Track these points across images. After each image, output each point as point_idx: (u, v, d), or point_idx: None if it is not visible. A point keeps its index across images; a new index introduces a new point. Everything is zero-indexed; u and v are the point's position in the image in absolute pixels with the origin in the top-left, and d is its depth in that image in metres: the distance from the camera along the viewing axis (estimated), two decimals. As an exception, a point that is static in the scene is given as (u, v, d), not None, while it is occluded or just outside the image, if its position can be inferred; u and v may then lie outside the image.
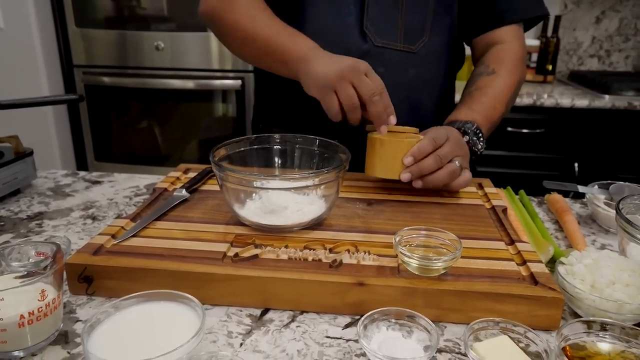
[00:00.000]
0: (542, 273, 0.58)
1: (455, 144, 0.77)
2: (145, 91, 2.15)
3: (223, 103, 2.16)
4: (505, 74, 0.90)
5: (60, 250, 0.51)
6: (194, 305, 0.51)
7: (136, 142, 2.26)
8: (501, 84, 0.89)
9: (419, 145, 0.74)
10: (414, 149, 0.74)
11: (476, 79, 0.91)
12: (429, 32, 0.90)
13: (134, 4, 2.07)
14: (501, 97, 0.89)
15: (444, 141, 0.75)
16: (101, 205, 0.87)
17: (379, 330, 0.53)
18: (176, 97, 2.17)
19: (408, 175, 0.74)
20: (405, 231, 0.61)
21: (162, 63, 2.10)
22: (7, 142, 0.90)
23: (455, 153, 0.76)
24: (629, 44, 2.42)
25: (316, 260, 0.61)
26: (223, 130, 2.20)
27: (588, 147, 2.01)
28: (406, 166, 0.74)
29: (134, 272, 0.59)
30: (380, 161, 0.76)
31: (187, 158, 2.27)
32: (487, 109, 0.86)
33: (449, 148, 0.75)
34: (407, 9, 0.88)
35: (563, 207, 0.83)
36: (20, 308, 0.47)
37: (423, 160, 0.74)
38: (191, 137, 2.25)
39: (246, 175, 0.67)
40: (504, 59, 0.91)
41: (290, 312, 0.58)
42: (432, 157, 0.74)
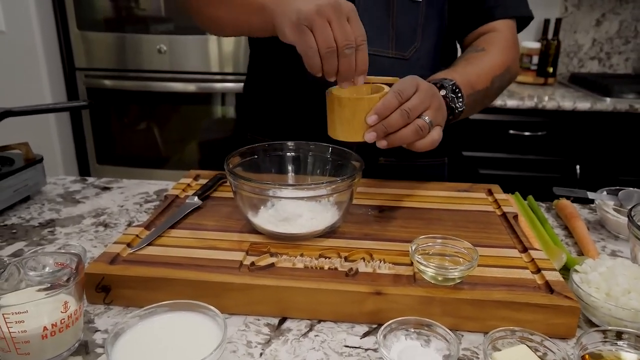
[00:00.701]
0: (558, 281, 0.59)
1: (426, 94, 0.67)
2: (148, 94, 2.15)
3: (225, 106, 2.16)
4: (495, 52, 0.87)
5: (82, 262, 0.51)
6: (213, 315, 0.51)
7: (138, 145, 2.26)
8: (489, 59, 0.86)
9: (383, 100, 0.65)
10: (378, 105, 0.65)
11: (464, 55, 0.89)
12: (420, 37, 0.88)
13: (135, 6, 2.07)
14: (488, 70, 0.84)
15: (412, 93, 0.66)
16: (112, 212, 0.87)
17: (397, 340, 0.53)
18: (178, 99, 2.17)
19: (373, 135, 0.65)
20: (421, 239, 0.62)
21: (164, 66, 2.10)
22: (17, 149, 0.90)
23: (426, 105, 0.67)
24: (629, 47, 2.43)
25: (332, 268, 0.62)
26: (224, 133, 2.20)
27: (589, 149, 2.02)
28: (370, 125, 0.66)
29: (151, 281, 0.59)
30: (341, 122, 0.68)
31: (188, 160, 2.27)
32: (470, 75, 0.81)
33: (418, 100, 0.66)
34: (398, 15, 0.86)
35: (572, 213, 0.83)
36: (43, 320, 0.47)
37: (388, 117, 0.65)
38: (193, 139, 2.25)
39: (261, 184, 0.67)
40: (494, 41, 0.89)
41: (308, 321, 0.59)
42: (398, 112, 0.65)
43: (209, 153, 2.25)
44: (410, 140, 0.67)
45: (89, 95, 2.18)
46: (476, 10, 0.91)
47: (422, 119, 0.67)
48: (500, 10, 0.90)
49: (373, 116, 0.65)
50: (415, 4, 0.86)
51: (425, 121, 0.66)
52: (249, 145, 0.98)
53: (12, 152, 0.91)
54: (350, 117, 0.66)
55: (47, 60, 2.08)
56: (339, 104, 0.67)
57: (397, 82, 0.68)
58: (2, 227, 0.81)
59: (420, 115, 0.67)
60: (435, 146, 0.69)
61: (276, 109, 0.96)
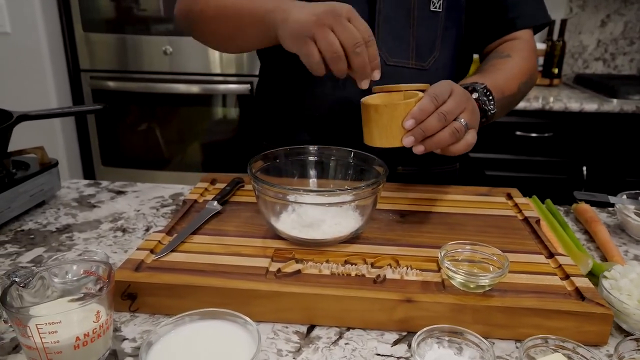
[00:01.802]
0: (588, 288, 0.59)
1: (461, 97, 0.68)
2: (153, 96, 2.15)
3: (228, 107, 2.16)
4: (520, 59, 0.88)
5: (113, 271, 0.50)
6: (243, 323, 0.50)
7: (143, 146, 2.25)
8: (515, 65, 0.86)
9: (420, 104, 0.65)
10: (414, 109, 0.64)
11: (488, 60, 0.90)
12: (439, 47, 0.88)
13: (141, 8, 2.06)
14: (514, 76, 0.85)
15: (447, 96, 0.66)
16: (129, 217, 0.86)
17: (430, 348, 0.53)
18: (183, 101, 2.16)
19: (411, 139, 0.65)
20: (450, 245, 0.61)
21: (170, 67, 2.09)
22: (32, 153, 0.90)
23: (461, 108, 0.67)
24: (634, 47, 2.43)
25: (359, 275, 0.61)
26: (228, 135, 2.19)
27: (596, 151, 2.02)
28: (407, 130, 0.65)
29: (178, 288, 0.58)
30: (378, 129, 0.68)
31: (192, 162, 2.26)
32: (499, 80, 0.81)
33: (454, 103, 0.66)
34: (418, 26, 0.85)
35: (593, 218, 0.83)
36: (76, 330, 0.47)
37: (425, 121, 0.65)
38: (197, 141, 2.24)
39: (286, 190, 0.66)
40: (517, 48, 0.90)
41: (336, 328, 0.58)
42: (436, 116, 0.64)
43: (212, 154, 2.24)
44: (448, 142, 0.66)
45: (94, 96, 2.17)
46: (498, 21, 0.91)
47: (458, 121, 0.66)
48: (522, 21, 0.90)
49: (410, 120, 0.64)
50: (435, 14, 0.85)
51: (461, 124, 0.66)
52: None
53: (27, 156, 0.90)
54: (387, 123, 0.66)
55: (52, 62, 2.07)
56: (375, 111, 0.67)
57: (428, 88, 0.68)
58: (19, 233, 0.80)
59: (456, 118, 0.66)
60: (470, 149, 0.69)
61: (288, 117, 0.95)
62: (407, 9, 0.83)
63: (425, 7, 0.84)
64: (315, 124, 0.91)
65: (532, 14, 0.90)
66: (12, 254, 0.74)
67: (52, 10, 2.05)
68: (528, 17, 0.90)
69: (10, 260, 0.72)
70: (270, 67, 0.99)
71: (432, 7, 0.84)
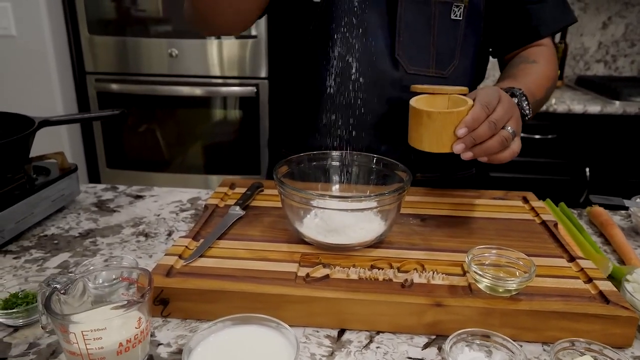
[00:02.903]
0: (611, 291, 0.60)
1: (509, 105, 0.69)
2: (158, 98, 2.15)
3: (236, 110, 2.16)
4: (545, 65, 0.90)
5: (152, 277, 0.51)
6: (277, 327, 0.51)
7: (149, 149, 2.25)
8: (542, 71, 0.88)
9: (472, 113, 0.66)
10: (467, 118, 0.66)
11: (516, 65, 0.91)
12: (459, 55, 0.89)
13: (147, 11, 2.07)
14: (542, 82, 0.87)
15: (496, 104, 0.68)
16: (150, 222, 0.87)
17: (461, 351, 0.54)
18: (189, 103, 2.17)
19: (462, 147, 0.67)
20: (477, 250, 0.63)
21: (176, 70, 2.10)
22: (52, 158, 0.90)
23: (509, 115, 0.69)
24: (635, 49, 2.46)
25: (387, 280, 0.62)
26: (235, 137, 2.20)
27: (599, 152, 2.04)
28: (458, 137, 0.67)
29: (210, 294, 0.59)
30: (428, 134, 0.69)
31: (196, 164, 2.26)
32: (530, 84, 0.83)
33: (503, 111, 0.68)
34: (439, 34, 0.86)
35: (608, 221, 0.84)
36: (119, 336, 0.47)
37: (477, 129, 0.66)
38: (205, 143, 2.24)
39: (312, 195, 0.67)
40: (542, 54, 0.91)
41: (366, 332, 0.59)
42: (486, 124, 0.66)
43: (216, 157, 2.25)
44: (496, 150, 0.68)
45: (99, 99, 2.18)
46: (522, 29, 0.93)
47: (506, 129, 0.68)
48: (545, 29, 0.91)
49: (463, 129, 0.66)
50: (456, 23, 0.86)
51: (509, 132, 0.68)
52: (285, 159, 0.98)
53: (48, 161, 0.91)
54: (439, 130, 0.68)
55: (58, 65, 2.07)
56: (428, 117, 0.68)
57: (466, 91, 0.69)
58: (43, 238, 0.81)
59: (504, 126, 0.68)
60: (515, 157, 0.70)
61: (307, 124, 0.96)
62: (427, 17, 0.84)
63: (446, 15, 0.85)
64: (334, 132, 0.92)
65: (554, 18, 0.92)
66: (38, 260, 0.74)
67: (57, 12, 2.05)
68: (550, 23, 0.91)
69: (37, 266, 0.73)
70: (287, 75, 1.00)
71: (453, 15, 0.85)
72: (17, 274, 0.70)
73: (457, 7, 0.84)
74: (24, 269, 0.72)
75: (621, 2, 2.37)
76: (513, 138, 0.69)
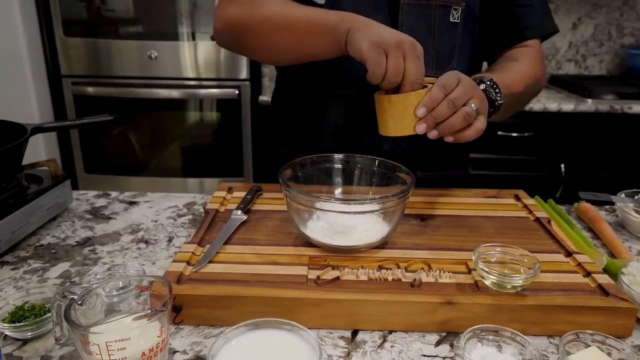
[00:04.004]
0: (610, 284, 0.63)
1: (468, 85, 0.72)
2: (138, 101, 2.11)
3: (219, 112, 2.15)
4: (527, 63, 0.92)
5: (171, 285, 0.51)
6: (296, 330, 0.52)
7: (128, 153, 2.21)
8: (523, 68, 0.91)
9: (430, 94, 0.69)
10: (425, 98, 0.69)
11: (498, 63, 0.94)
12: (457, 56, 0.91)
13: (125, 12, 2.03)
14: (522, 77, 0.89)
15: (455, 85, 0.71)
16: (148, 228, 0.86)
17: (475, 347, 0.56)
18: (171, 106, 2.14)
19: (423, 126, 0.70)
20: (482, 248, 0.64)
21: (156, 72, 2.07)
22: (45, 166, 0.88)
23: (469, 95, 0.71)
24: (603, 49, 2.55)
25: (396, 280, 0.64)
26: (220, 140, 2.18)
27: (573, 149, 2.11)
28: (419, 118, 0.70)
29: (224, 299, 0.59)
30: (392, 119, 0.72)
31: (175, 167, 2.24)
32: (506, 78, 0.85)
33: (462, 90, 0.71)
34: (438, 36, 0.88)
35: (596, 216, 0.88)
36: (143, 345, 0.47)
37: (436, 108, 0.69)
38: (180, 145, 2.22)
39: (319, 198, 0.68)
40: (526, 54, 0.94)
41: (379, 332, 0.60)
42: (445, 102, 0.69)
43: (198, 159, 2.23)
44: (460, 126, 0.71)
45: (76, 103, 2.13)
46: (509, 31, 0.95)
47: (469, 106, 0.71)
48: (531, 31, 0.94)
49: (422, 109, 0.69)
50: (454, 25, 0.88)
51: (471, 108, 0.71)
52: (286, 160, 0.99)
53: (40, 169, 0.89)
54: (401, 113, 0.71)
55: (32, 68, 2.01)
56: (389, 102, 0.71)
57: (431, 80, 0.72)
58: (39, 248, 0.79)
59: (466, 104, 0.71)
60: (480, 135, 0.73)
61: (309, 125, 0.97)
62: (428, 20, 0.86)
63: (446, 18, 0.87)
64: (337, 131, 0.92)
65: (540, 24, 0.95)
66: (37, 270, 0.73)
67: (31, 14, 1.99)
68: (537, 27, 0.94)
69: (38, 277, 0.71)
70: (290, 76, 1.00)
71: (452, 18, 0.87)
72: (18, 285, 0.69)
73: (456, 10, 0.87)
74: (24, 280, 0.70)
75: (590, 4, 2.45)
76: (477, 115, 0.72)
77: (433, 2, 0.86)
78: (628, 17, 2.50)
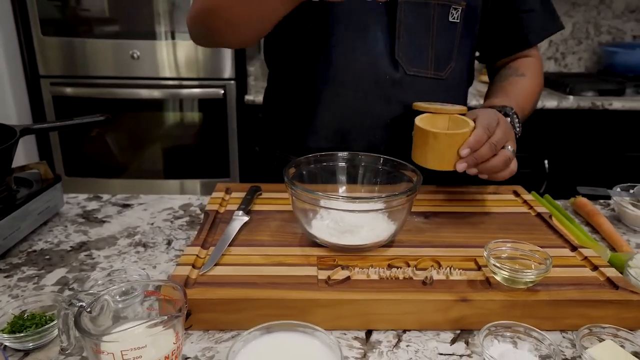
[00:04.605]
0: (618, 277, 0.63)
1: (506, 128, 0.75)
2: (120, 102, 2.07)
3: (204, 112, 2.11)
4: (534, 78, 0.95)
5: (185, 290, 0.49)
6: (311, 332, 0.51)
7: (110, 154, 2.16)
8: (530, 84, 0.94)
9: (475, 135, 0.71)
10: (470, 140, 0.71)
11: (506, 77, 0.95)
12: (455, 57, 0.91)
13: (105, 11, 1.98)
14: (529, 96, 0.93)
15: (495, 126, 0.74)
16: (145, 231, 0.84)
17: (492, 344, 0.55)
18: (154, 107, 2.10)
19: (464, 166, 0.72)
20: (493, 244, 0.64)
21: (138, 72, 2.02)
22: (35, 169, 0.85)
23: (507, 138, 0.74)
24: (582, 47, 2.60)
25: (407, 278, 0.63)
26: (205, 140, 2.15)
27: (556, 145, 2.14)
28: (461, 157, 0.72)
29: (235, 303, 0.58)
30: (433, 153, 0.74)
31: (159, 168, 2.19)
32: (519, 100, 0.89)
33: (501, 134, 0.74)
34: (437, 36, 0.88)
35: (593, 210, 0.89)
36: (159, 352, 0.45)
37: (479, 150, 0.72)
38: (173, 147, 2.18)
39: (327, 197, 0.67)
40: (531, 67, 0.96)
41: (393, 331, 0.60)
42: (487, 146, 0.72)
43: (184, 160, 2.19)
44: (499, 169, 0.74)
45: (55, 104, 2.06)
46: (513, 37, 0.96)
47: (507, 149, 0.74)
48: (534, 37, 0.96)
49: (466, 150, 0.71)
50: (453, 25, 0.88)
51: (510, 152, 0.74)
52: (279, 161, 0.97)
53: (30, 172, 0.85)
54: (444, 150, 0.73)
55: (9, 68, 1.95)
56: (434, 138, 0.73)
57: (465, 111, 0.76)
58: (32, 254, 0.76)
59: (503, 146, 0.74)
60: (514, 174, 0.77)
61: (302, 125, 0.95)
62: (427, 19, 0.86)
63: (445, 18, 0.86)
64: (332, 134, 0.91)
65: (543, 27, 0.95)
66: (32, 277, 0.70)
67: (6, 13, 1.93)
68: (539, 31, 0.95)
69: (33, 284, 0.68)
70: (283, 75, 0.98)
71: (451, 18, 0.87)
72: (13, 293, 0.66)
73: (455, 9, 0.86)
74: (19, 287, 0.67)
75: (569, 3, 2.50)
76: (514, 158, 0.75)
77: (432, 1, 0.85)
78: (605, 15, 2.55)
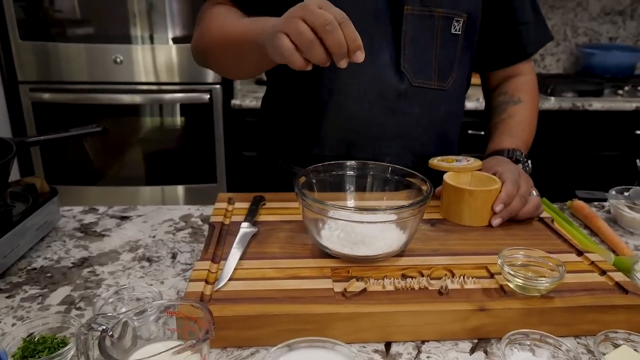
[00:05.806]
0: (626, 281, 0.65)
1: (527, 177, 0.84)
2: (103, 107, 2.02)
3: (189, 117, 2.09)
4: (530, 103, 0.98)
5: (210, 310, 0.48)
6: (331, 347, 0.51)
7: (93, 162, 2.11)
8: (529, 112, 0.98)
9: (506, 191, 0.78)
10: (502, 196, 0.78)
11: (504, 107, 0.98)
12: (456, 68, 0.92)
13: (87, 15, 1.93)
14: (531, 123, 0.98)
15: (519, 179, 0.81)
16: (147, 245, 0.82)
17: (512, 353, 0.56)
18: (139, 112, 2.06)
19: (499, 221, 0.78)
20: (506, 252, 0.65)
21: (121, 77, 1.98)
22: (31, 183, 0.82)
23: (530, 186, 0.82)
24: (560, 49, 2.66)
25: (422, 288, 0.63)
26: (191, 146, 2.12)
27: (539, 146, 2.18)
28: (495, 212, 0.78)
29: (255, 319, 0.57)
30: (469, 210, 0.79)
31: (144, 175, 2.16)
32: (524, 135, 0.95)
33: (526, 185, 0.81)
34: (440, 48, 0.88)
35: (591, 214, 0.91)
36: (188, 377, 0.44)
37: (511, 204, 0.78)
38: (158, 154, 2.14)
39: (338, 208, 0.66)
40: (526, 89, 0.98)
41: (412, 343, 0.60)
42: (518, 199, 0.79)
43: (170, 166, 2.16)
44: (531, 216, 0.81)
45: (35, 110, 2.01)
46: (511, 48, 0.98)
47: (532, 195, 0.81)
48: (530, 48, 0.98)
49: (500, 205, 0.78)
50: (455, 37, 0.89)
51: (537, 198, 0.82)
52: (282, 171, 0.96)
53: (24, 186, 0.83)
54: (480, 206, 0.79)
55: (-14, 74, 1.89)
56: (470, 195, 0.79)
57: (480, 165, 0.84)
58: (32, 272, 0.73)
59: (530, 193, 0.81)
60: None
61: (303, 135, 0.94)
62: (431, 31, 0.86)
63: (447, 30, 0.87)
64: (336, 144, 0.91)
65: (537, 37, 0.98)
66: (36, 297, 0.67)
67: (-18, 17, 1.87)
68: (534, 42, 0.98)
69: (38, 304, 0.66)
70: (283, 83, 0.97)
71: (453, 30, 0.88)
72: (18, 315, 0.64)
73: (457, 21, 0.87)
74: (23, 308, 0.65)
75: (547, 5, 2.55)
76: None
77: (436, 13, 0.86)
78: (581, 18, 2.62)
